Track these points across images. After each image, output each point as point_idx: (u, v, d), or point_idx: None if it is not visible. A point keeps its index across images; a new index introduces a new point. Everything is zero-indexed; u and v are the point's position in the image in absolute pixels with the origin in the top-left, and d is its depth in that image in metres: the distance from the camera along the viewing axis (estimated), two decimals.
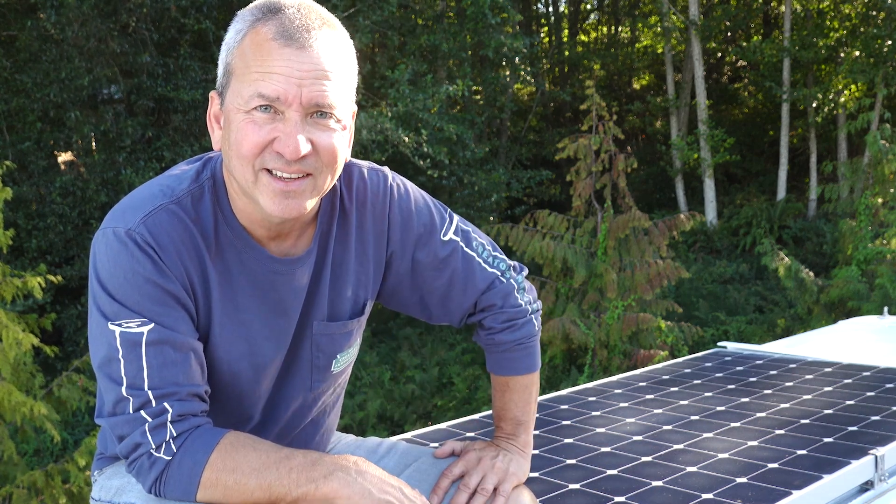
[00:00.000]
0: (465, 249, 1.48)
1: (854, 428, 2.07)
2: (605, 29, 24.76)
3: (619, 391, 2.59)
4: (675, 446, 1.99)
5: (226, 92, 1.22)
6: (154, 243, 1.21)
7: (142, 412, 1.18)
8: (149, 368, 1.18)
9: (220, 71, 1.23)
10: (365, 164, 1.44)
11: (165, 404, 1.18)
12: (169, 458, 1.18)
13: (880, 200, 12.15)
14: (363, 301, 1.45)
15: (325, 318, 1.40)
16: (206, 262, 1.26)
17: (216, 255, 1.27)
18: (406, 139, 12.75)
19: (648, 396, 2.50)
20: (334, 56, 1.20)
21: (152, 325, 1.19)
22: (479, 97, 17.53)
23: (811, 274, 11.97)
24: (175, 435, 1.18)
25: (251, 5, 1.23)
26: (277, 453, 1.17)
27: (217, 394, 1.33)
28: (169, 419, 1.18)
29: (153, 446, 1.18)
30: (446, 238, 1.46)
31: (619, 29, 24.07)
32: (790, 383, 2.58)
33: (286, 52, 1.16)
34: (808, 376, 2.67)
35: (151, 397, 1.18)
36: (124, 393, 1.18)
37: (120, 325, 1.19)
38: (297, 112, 1.17)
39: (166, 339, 1.20)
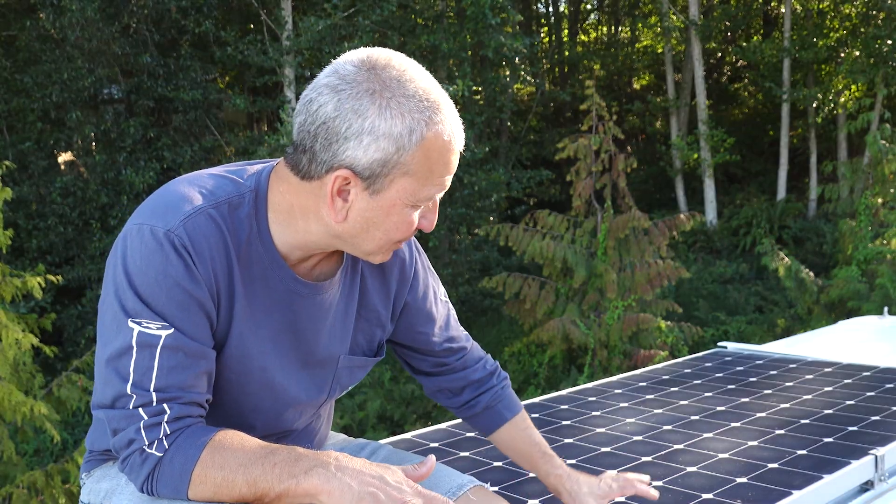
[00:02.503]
0: (454, 315, 1.64)
1: (854, 428, 2.07)
2: (605, 29, 24.77)
3: (619, 391, 2.59)
4: (675, 446, 1.99)
5: (383, 183, 1.22)
6: (191, 247, 1.21)
7: (140, 410, 1.19)
8: (158, 370, 1.19)
9: (369, 157, 1.20)
10: None
11: (165, 405, 1.19)
12: (161, 454, 1.19)
13: (880, 200, 12.16)
14: (380, 340, 1.52)
15: (348, 352, 1.45)
16: (235, 271, 1.27)
17: (244, 267, 1.29)
18: None
19: (648, 396, 2.50)
20: None
21: (172, 330, 1.20)
22: (478, 97, 17.53)
23: (811, 274, 11.98)
24: (168, 433, 1.19)
25: (410, 94, 1.20)
26: (264, 449, 1.18)
27: (222, 403, 1.34)
28: (165, 419, 1.19)
29: (146, 443, 1.19)
30: (444, 300, 1.61)
31: (619, 29, 24.08)
32: (790, 383, 2.58)
33: (457, 155, 1.26)
34: (808, 376, 2.67)
35: (154, 398, 1.19)
36: (128, 390, 1.19)
37: (139, 324, 1.19)
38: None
39: (182, 346, 1.20)
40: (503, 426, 1.62)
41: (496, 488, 1.80)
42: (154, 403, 1.19)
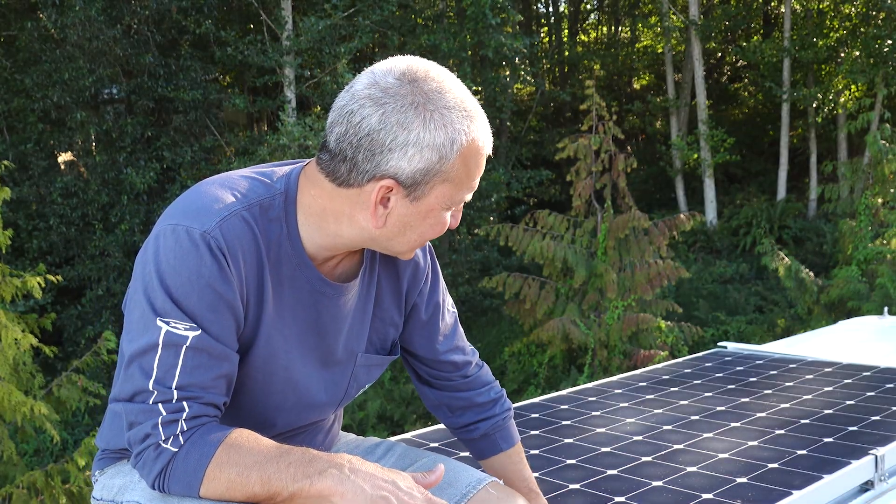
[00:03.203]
0: (461, 331, 1.67)
1: (854, 428, 2.07)
2: (605, 29, 24.78)
3: (619, 391, 2.59)
4: (675, 446, 1.99)
5: (423, 190, 1.26)
6: (226, 249, 1.23)
7: (159, 405, 1.20)
8: (182, 369, 1.21)
9: (412, 166, 1.23)
10: None
11: (184, 403, 1.21)
12: (176, 449, 1.20)
13: (880, 200, 12.16)
14: (394, 339, 1.55)
15: (364, 350, 1.47)
16: (265, 273, 1.29)
17: (273, 268, 1.31)
18: None
19: (648, 396, 2.50)
20: None
21: (199, 332, 1.21)
22: (479, 97, 17.53)
23: (811, 274, 11.98)
24: (185, 430, 1.20)
25: (448, 105, 1.24)
26: (278, 448, 1.19)
27: (247, 401, 1.35)
28: (183, 417, 1.20)
29: (162, 438, 1.20)
30: (452, 310, 1.63)
31: (619, 29, 24.09)
32: (790, 383, 2.58)
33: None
34: (808, 376, 2.67)
35: (175, 395, 1.20)
36: (150, 386, 1.20)
37: (167, 324, 1.20)
38: None
39: (207, 347, 1.22)
40: (496, 456, 1.63)
41: None
42: (174, 401, 1.20)
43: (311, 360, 1.39)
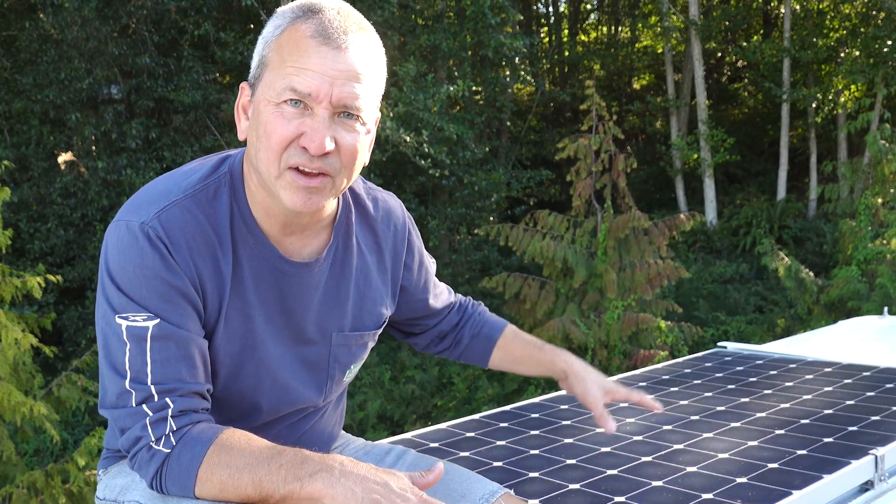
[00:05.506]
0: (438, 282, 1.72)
1: (854, 428, 2.07)
2: (605, 29, 24.77)
3: None
4: (675, 446, 1.99)
5: (258, 83, 1.26)
6: (166, 238, 1.22)
7: (144, 406, 1.20)
8: (153, 363, 1.20)
9: (254, 63, 1.27)
10: (377, 187, 1.56)
11: (167, 399, 1.20)
12: (168, 450, 1.19)
13: (880, 200, 12.16)
14: (384, 315, 1.53)
15: (345, 329, 1.45)
16: (219, 257, 1.28)
17: (229, 251, 1.30)
18: (407, 139, 12.76)
19: (648, 396, 2.50)
20: (367, 60, 1.25)
21: (157, 320, 1.21)
22: (479, 97, 17.53)
23: (811, 274, 11.98)
24: (175, 429, 1.20)
25: (293, 4, 1.26)
26: (270, 450, 1.18)
27: (224, 386, 1.34)
28: (170, 414, 1.20)
29: (153, 439, 1.20)
30: (431, 261, 1.67)
31: (619, 29, 24.08)
32: (790, 383, 2.58)
33: (322, 51, 1.20)
34: (808, 376, 2.67)
35: (154, 392, 1.20)
36: (128, 386, 1.20)
37: (126, 319, 1.21)
38: (325, 110, 1.21)
39: (170, 335, 1.21)
40: (496, 347, 1.70)
41: None
42: (155, 398, 1.20)
43: (284, 340, 1.38)
